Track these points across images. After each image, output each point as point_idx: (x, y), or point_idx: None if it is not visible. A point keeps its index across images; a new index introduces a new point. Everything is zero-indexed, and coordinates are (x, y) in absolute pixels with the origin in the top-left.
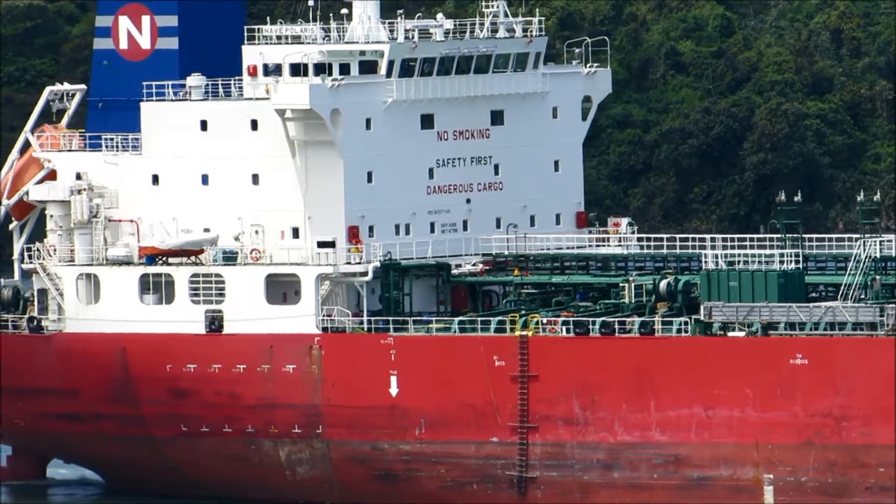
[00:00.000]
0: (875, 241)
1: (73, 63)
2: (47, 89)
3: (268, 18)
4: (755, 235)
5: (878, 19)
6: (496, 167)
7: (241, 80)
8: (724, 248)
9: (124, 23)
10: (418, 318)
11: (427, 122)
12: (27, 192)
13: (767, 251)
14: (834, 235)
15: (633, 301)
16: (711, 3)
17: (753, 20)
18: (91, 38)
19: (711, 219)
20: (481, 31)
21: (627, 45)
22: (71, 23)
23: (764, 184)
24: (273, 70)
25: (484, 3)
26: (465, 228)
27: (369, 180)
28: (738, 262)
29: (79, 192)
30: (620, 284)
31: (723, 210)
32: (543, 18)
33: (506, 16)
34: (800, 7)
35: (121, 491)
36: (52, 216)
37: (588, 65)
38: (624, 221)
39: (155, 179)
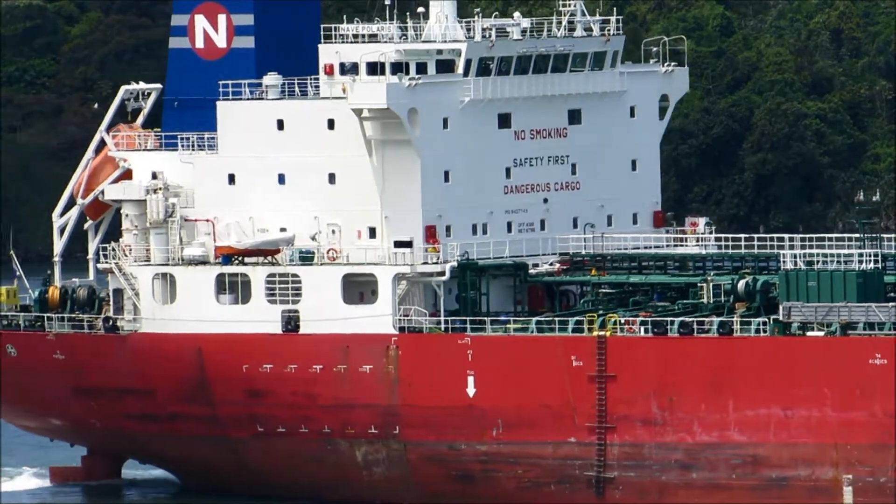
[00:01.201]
0: None
1: (72, 63)
2: (123, 88)
3: (344, 17)
4: (833, 235)
5: (877, 19)
6: (573, 166)
7: (318, 79)
8: (803, 247)
9: (200, 22)
10: (495, 317)
11: (504, 121)
12: (102, 192)
13: (846, 251)
14: None
15: (711, 301)
16: (711, 3)
17: (753, 20)
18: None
19: (711, 218)
20: (558, 29)
21: (628, 45)
22: (71, 23)
23: (764, 184)
24: (350, 69)
25: (561, 2)
26: (542, 228)
27: (446, 180)
28: (817, 261)
29: (154, 191)
30: (699, 284)
31: (722, 210)
32: (619, 19)
33: (583, 14)
34: (800, 7)
35: (196, 491)
36: (127, 216)
37: (665, 64)
38: (702, 221)
39: (231, 179)
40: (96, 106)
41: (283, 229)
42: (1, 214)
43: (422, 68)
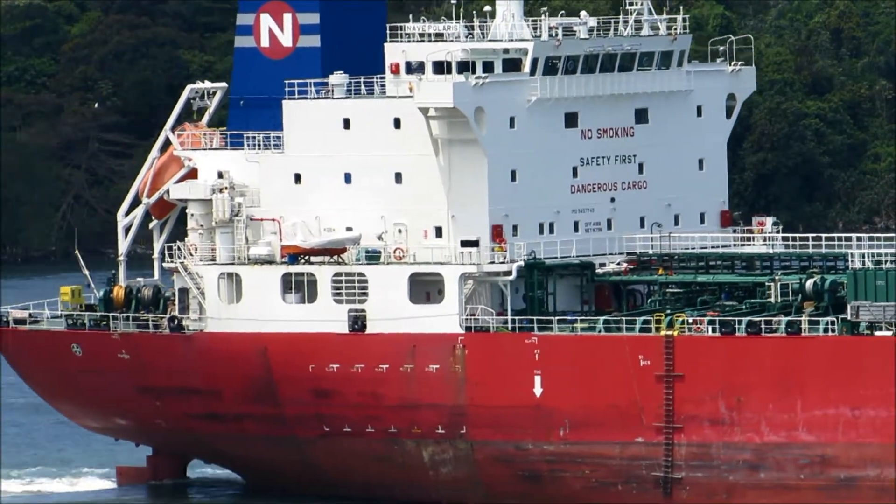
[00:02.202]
0: None
1: (72, 62)
2: (188, 87)
3: (410, 16)
4: None
5: (877, 19)
6: (640, 166)
7: (384, 78)
8: (871, 246)
9: (266, 21)
10: (562, 317)
11: (571, 120)
12: (167, 191)
13: None
14: None
15: (778, 300)
16: (711, 3)
17: (753, 20)
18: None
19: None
20: (625, 28)
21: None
22: (70, 22)
23: (763, 183)
24: (416, 68)
25: (628, 1)
26: (609, 227)
27: (513, 179)
28: (885, 260)
29: (220, 190)
30: (766, 284)
31: None
32: (681, 19)
33: (650, 13)
34: (800, 7)
35: (261, 491)
36: (192, 215)
37: (732, 63)
38: (769, 221)
39: (297, 178)
40: (97, 105)
41: (349, 228)
42: (1, 214)
43: (488, 67)
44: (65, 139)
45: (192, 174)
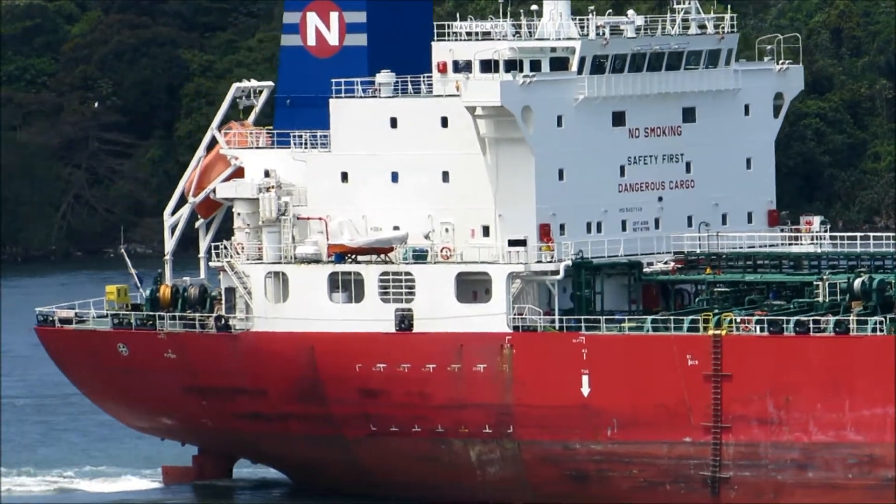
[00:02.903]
0: None
1: (72, 62)
2: (234, 86)
3: (457, 14)
4: None
5: (877, 18)
6: (688, 165)
7: (431, 76)
8: None
9: (312, 19)
10: (610, 316)
11: (618, 119)
12: (214, 190)
13: None
14: None
15: (827, 300)
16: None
17: (753, 19)
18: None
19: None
20: (672, 27)
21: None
22: (71, 22)
23: None
24: (463, 67)
25: (675, 0)
26: (656, 226)
27: (560, 178)
28: None
29: (267, 189)
30: (814, 283)
31: None
32: (736, 16)
33: (697, 12)
34: (800, 6)
35: (308, 491)
36: (239, 214)
37: (780, 62)
38: (817, 220)
39: (344, 177)
40: (97, 105)
41: (396, 227)
42: (1, 213)
43: (536, 66)
44: (65, 139)
45: (239, 173)
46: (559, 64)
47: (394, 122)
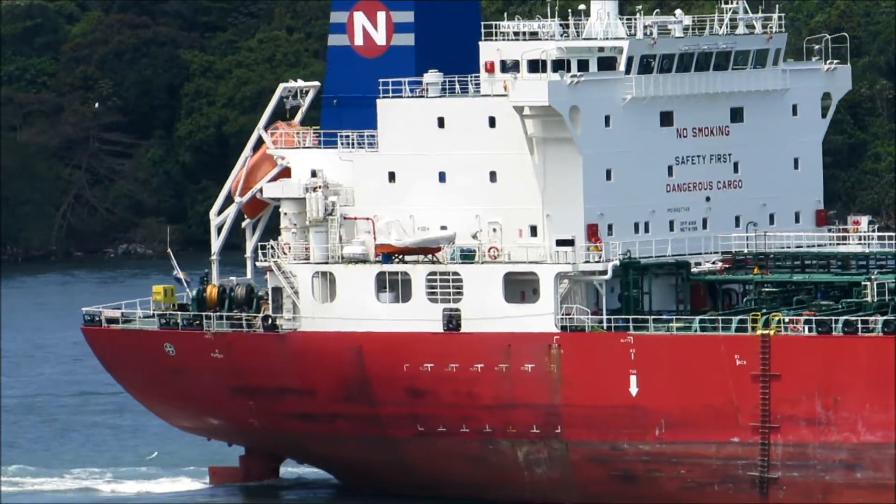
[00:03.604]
0: None
1: (73, 62)
2: (281, 86)
3: (504, 14)
4: None
5: (878, 18)
6: (735, 165)
7: (478, 76)
8: None
9: (359, 19)
10: (658, 316)
11: (666, 119)
12: (260, 190)
13: None
14: None
15: (875, 300)
16: (711, 3)
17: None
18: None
19: None
20: (720, 27)
21: None
22: (71, 22)
23: None
24: (511, 67)
25: (723, 0)
26: (704, 227)
27: (608, 178)
28: None
29: (314, 189)
30: (862, 283)
31: None
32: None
33: (745, 12)
34: (800, 6)
35: (355, 492)
36: (286, 214)
37: (828, 62)
38: (864, 220)
39: (391, 177)
40: (97, 105)
41: (443, 227)
42: (1, 213)
43: (583, 66)
44: (65, 139)
45: (285, 173)
46: (607, 64)
47: (441, 122)
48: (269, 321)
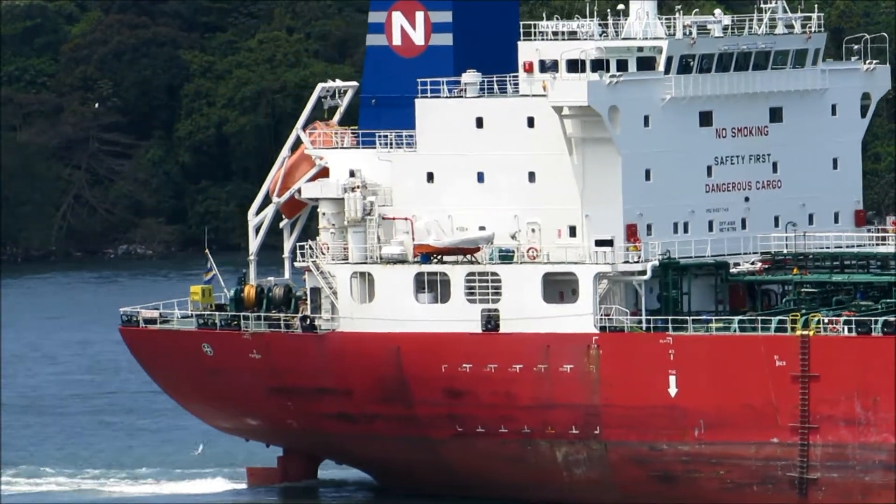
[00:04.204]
0: None
1: (72, 62)
2: (319, 86)
3: (543, 14)
4: None
5: (878, 19)
6: (774, 165)
7: (517, 76)
8: None
9: (398, 19)
10: (697, 317)
11: (705, 119)
12: (298, 190)
13: None
14: None
15: None
16: (712, 3)
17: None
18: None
19: None
20: (759, 27)
21: None
22: (71, 22)
23: None
24: (550, 66)
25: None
26: (743, 227)
27: (647, 178)
28: None
29: (352, 189)
30: None
31: None
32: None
33: (784, 12)
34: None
35: (393, 492)
36: (324, 214)
37: (867, 61)
38: None
39: (430, 177)
40: (97, 105)
41: (482, 228)
42: (1, 214)
43: (622, 66)
44: (65, 139)
45: (324, 173)
46: (646, 63)
47: (480, 122)
48: (308, 322)
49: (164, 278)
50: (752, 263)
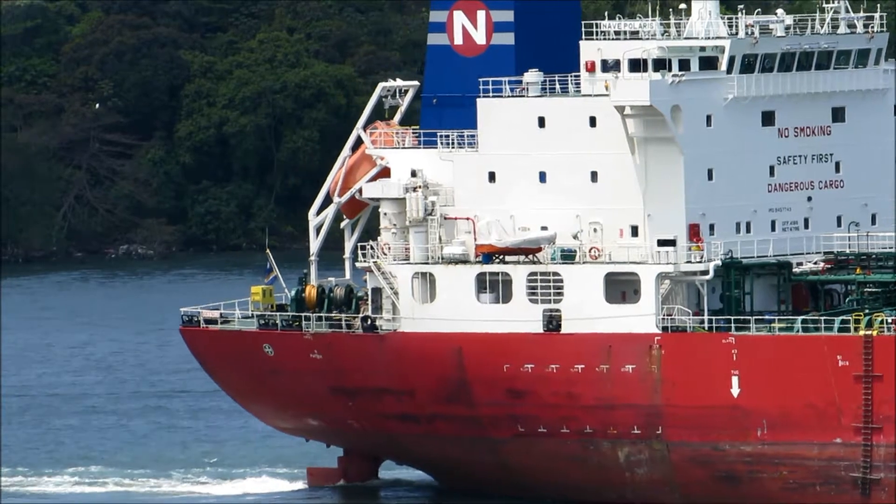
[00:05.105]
0: None
1: (73, 62)
2: (380, 85)
3: (605, 14)
4: None
5: None
6: (837, 165)
7: (579, 76)
8: None
9: (459, 18)
10: (760, 317)
11: (767, 118)
12: (359, 190)
13: None
14: None
15: None
16: (712, 3)
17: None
18: None
19: None
20: (822, 26)
21: None
22: (71, 23)
23: None
24: (612, 66)
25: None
26: (805, 226)
27: (710, 178)
28: None
29: (414, 189)
30: None
31: None
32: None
33: (847, 11)
34: (801, 7)
35: (454, 492)
36: (385, 214)
37: None
38: None
39: (492, 177)
40: (97, 106)
41: (544, 228)
42: (1, 214)
43: (684, 65)
44: (66, 139)
45: (385, 173)
46: (708, 63)
47: (542, 122)
48: (369, 322)
49: (164, 277)
50: (815, 263)
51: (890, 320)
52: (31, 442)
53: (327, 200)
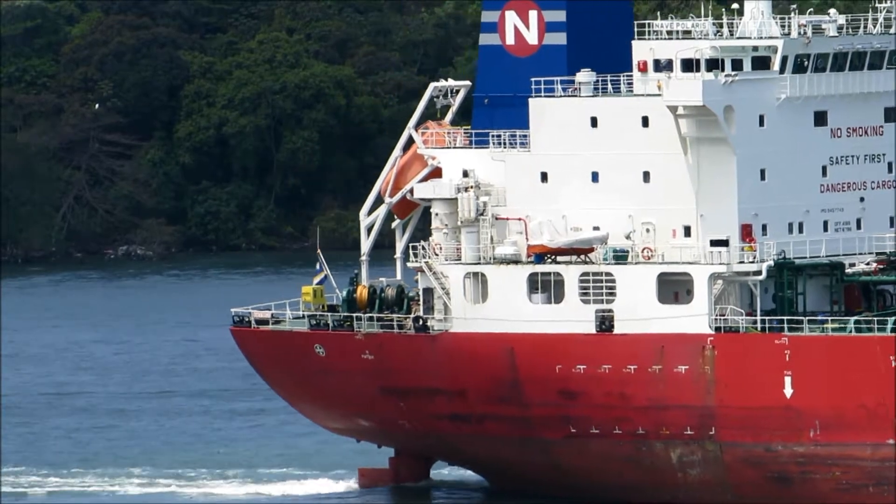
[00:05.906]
0: None
1: (73, 63)
2: (431, 85)
3: (658, 13)
4: None
5: None
6: (889, 165)
7: (631, 76)
8: None
9: (511, 18)
10: (812, 317)
11: (820, 118)
12: (411, 190)
13: None
14: None
15: None
16: (712, 4)
17: None
18: None
19: None
20: (874, 26)
21: None
22: (71, 23)
23: None
24: (664, 66)
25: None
26: (858, 227)
27: (762, 178)
28: None
29: (465, 189)
30: None
31: None
32: None
33: None
34: (801, 7)
35: (506, 493)
36: (437, 214)
37: None
38: None
39: (543, 177)
40: (97, 106)
41: (596, 228)
42: (1, 214)
43: (737, 65)
44: (65, 140)
45: (436, 173)
46: (761, 63)
47: (594, 122)
48: (420, 322)
49: (163, 276)
50: (868, 264)
51: None
52: (30, 442)
53: (378, 200)
